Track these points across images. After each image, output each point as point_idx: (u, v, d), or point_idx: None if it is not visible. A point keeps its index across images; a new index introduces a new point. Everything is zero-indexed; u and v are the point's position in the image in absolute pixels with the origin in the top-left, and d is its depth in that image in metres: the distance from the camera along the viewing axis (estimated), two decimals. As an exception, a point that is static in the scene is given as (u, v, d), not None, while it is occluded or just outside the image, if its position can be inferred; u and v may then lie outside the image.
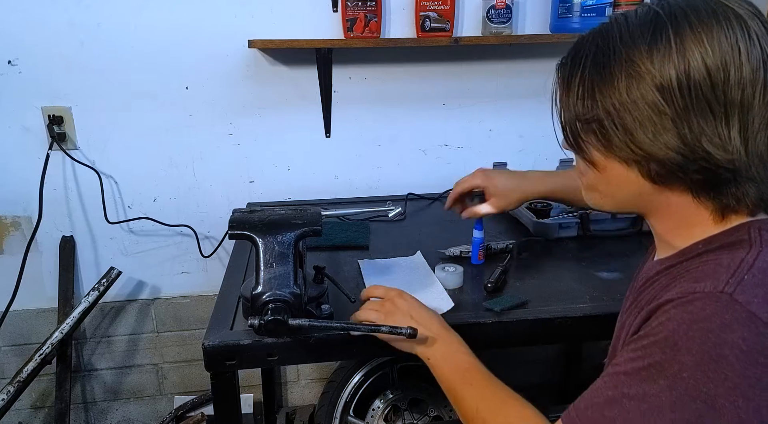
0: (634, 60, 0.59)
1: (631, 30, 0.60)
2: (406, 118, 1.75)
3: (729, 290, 0.55)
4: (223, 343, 0.93)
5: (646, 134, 0.60)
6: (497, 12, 1.59)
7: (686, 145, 0.59)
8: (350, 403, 1.72)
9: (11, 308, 1.62)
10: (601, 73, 0.61)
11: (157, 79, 1.61)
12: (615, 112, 0.61)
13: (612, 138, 0.62)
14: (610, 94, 0.61)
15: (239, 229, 0.93)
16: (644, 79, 0.58)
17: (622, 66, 0.60)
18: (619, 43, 0.60)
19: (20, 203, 1.67)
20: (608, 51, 0.61)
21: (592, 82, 0.62)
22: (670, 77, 0.57)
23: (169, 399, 1.93)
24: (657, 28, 0.59)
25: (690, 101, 0.57)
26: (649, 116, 0.59)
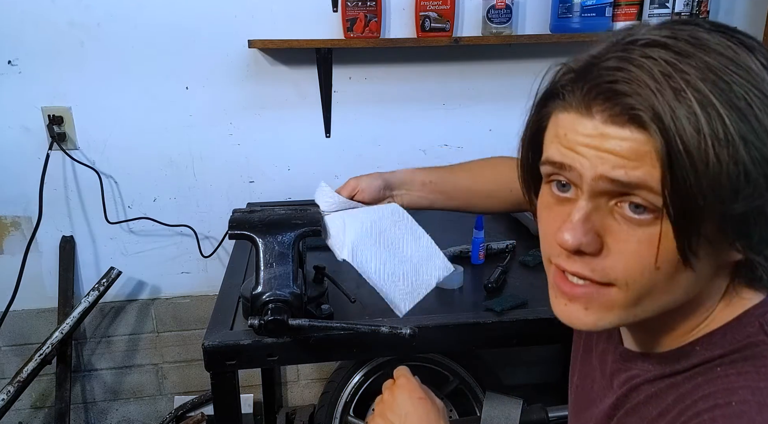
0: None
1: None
2: (406, 118, 1.75)
3: None
4: (223, 343, 0.93)
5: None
6: (497, 12, 1.59)
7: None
8: (350, 403, 1.72)
9: (11, 308, 1.62)
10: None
11: (157, 79, 1.61)
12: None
13: (760, 222, 0.45)
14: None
15: (239, 229, 0.93)
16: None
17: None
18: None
19: (20, 203, 1.67)
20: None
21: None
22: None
23: (169, 399, 1.93)
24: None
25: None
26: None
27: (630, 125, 0.44)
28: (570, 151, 0.48)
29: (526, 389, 1.97)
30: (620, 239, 0.47)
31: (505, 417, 1.04)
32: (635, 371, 0.58)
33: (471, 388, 1.70)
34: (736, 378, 0.47)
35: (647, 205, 0.45)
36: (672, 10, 1.61)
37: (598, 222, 0.48)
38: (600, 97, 0.45)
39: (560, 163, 0.49)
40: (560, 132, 0.50)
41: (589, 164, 0.47)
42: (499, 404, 1.06)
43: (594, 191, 0.47)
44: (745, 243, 0.46)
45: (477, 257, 1.23)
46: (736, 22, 1.74)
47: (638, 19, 1.62)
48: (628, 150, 0.44)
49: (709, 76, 0.42)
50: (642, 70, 0.43)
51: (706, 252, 0.46)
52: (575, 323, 0.53)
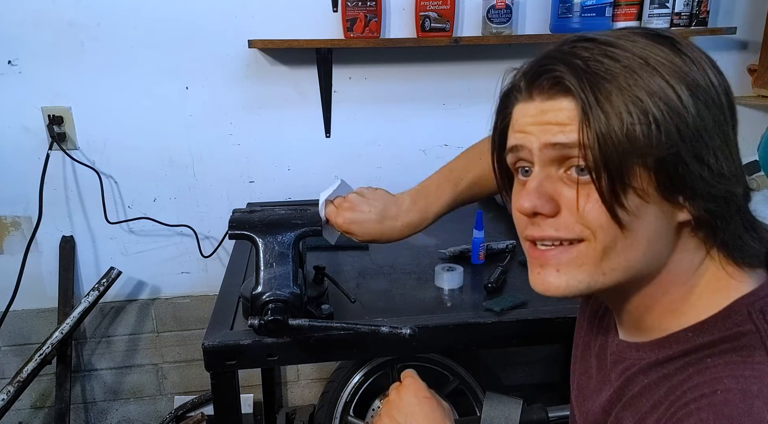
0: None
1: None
2: (406, 118, 1.75)
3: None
4: (223, 343, 0.93)
5: (719, 158, 0.51)
6: (497, 12, 1.59)
7: (736, 166, 0.52)
8: (350, 403, 1.72)
9: (11, 308, 1.62)
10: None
11: (157, 79, 1.61)
12: (689, 138, 0.50)
13: (687, 172, 0.50)
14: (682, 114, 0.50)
15: (239, 229, 0.93)
16: (704, 91, 0.51)
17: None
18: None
19: (20, 203, 1.67)
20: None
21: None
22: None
23: (169, 399, 1.93)
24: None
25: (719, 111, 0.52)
26: (705, 131, 0.50)
27: (561, 96, 0.52)
28: (520, 134, 0.56)
29: (526, 389, 1.97)
30: (572, 198, 0.53)
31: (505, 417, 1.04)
32: (630, 361, 0.60)
33: (471, 388, 1.70)
34: (723, 368, 0.49)
35: (588, 163, 0.51)
36: (672, 10, 1.61)
37: (551, 188, 0.54)
38: (536, 82, 0.54)
39: (515, 146, 0.57)
40: (514, 122, 0.58)
41: (535, 138, 0.54)
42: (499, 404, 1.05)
43: (543, 160, 0.54)
44: (686, 199, 0.51)
45: (477, 257, 1.23)
46: (736, 22, 1.74)
47: (638, 19, 1.62)
48: (564, 117, 0.52)
49: (619, 54, 0.51)
50: (566, 54, 0.53)
51: (645, 208, 0.51)
52: (548, 288, 0.56)
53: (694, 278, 0.55)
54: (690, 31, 1.64)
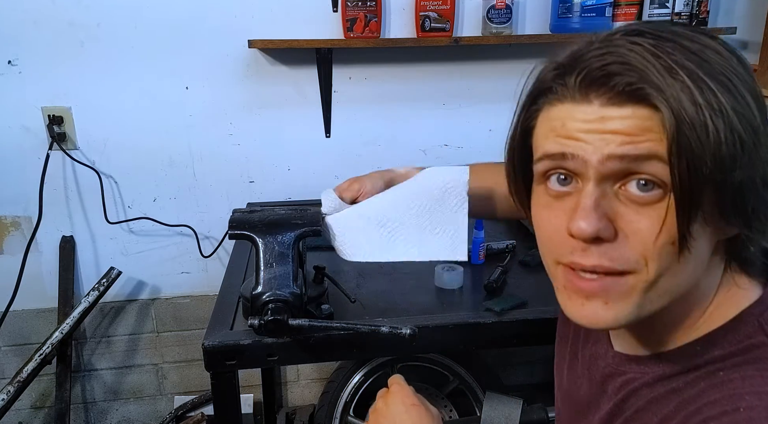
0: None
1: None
2: (406, 118, 1.75)
3: None
4: (223, 343, 0.93)
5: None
6: (497, 12, 1.59)
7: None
8: (350, 403, 1.72)
9: (11, 308, 1.62)
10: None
11: (157, 79, 1.61)
12: (763, 157, 0.45)
13: (755, 194, 0.46)
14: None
15: (239, 229, 0.93)
16: (762, 103, 0.47)
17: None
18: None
19: (20, 203, 1.67)
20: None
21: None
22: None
23: (169, 399, 1.93)
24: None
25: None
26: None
27: (630, 103, 0.45)
28: (570, 140, 0.48)
29: (526, 389, 1.97)
30: (631, 220, 0.47)
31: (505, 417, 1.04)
32: (631, 374, 0.57)
33: (471, 388, 1.70)
34: (740, 383, 0.47)
35: (655, 179, 0.46)
36: (672, 10, 1.61)
37: (607, 207, 0.47)
38: (596, 82, 0.46)
39: (561, 154, 0.49)
40: (556, 124, 0.50)
41: (593, 148, 0.47)
42: (499, 404, 1.06)
43: (601, 175, 0.47)
44: (741, 218, 0.47)
45: (477, 257, 1.23)
46: (736, 22, 1.74)
47: (638, 19, 1.62)
48: (632, 126, 0.45)
49: (691, 56, 0.44)
50: (632, 52, 0.45)
51: (704, 229, 0.47)
52: (596, 322, 0.51)
53: (712, 293, 0.52)
54: (690, 31, 1.64)
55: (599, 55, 0.46)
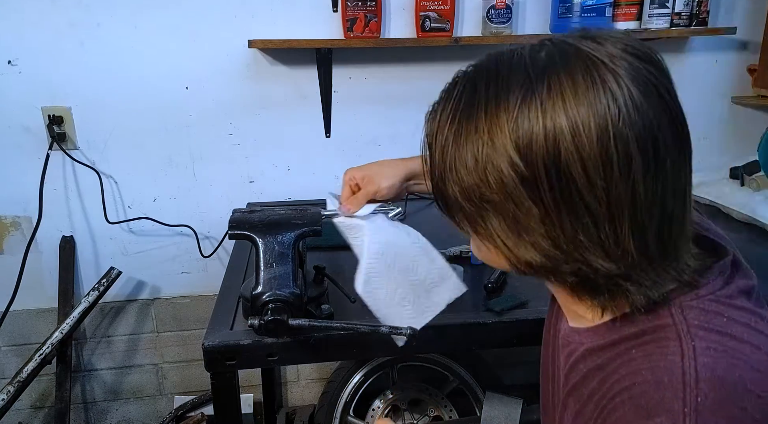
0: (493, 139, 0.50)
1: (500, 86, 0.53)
2: (406, 118, 1.75)
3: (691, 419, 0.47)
4: (223, 343, 0.93)
5: (510, 235, 0.52)
6: (497, 12, 1.59)
7: (558, 248, 0.51)
8: (350, 403, 1.72)
9: (11, 308, 1.62)
10: (460, 140, 0.53)
11: (157, 79, 1.61)
12: (476, 199, 0.52)
13: (476, 227, 0.55)
14: (463, 176, 0.52)
15: (239, 229, 0.93)
16: (502, 159, 0.49)
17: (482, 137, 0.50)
18: (484, 99, 0.53)
19: (20, 203, 1.67)
20: (473, 112, 0.53)
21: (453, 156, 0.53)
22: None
23: (169, 399, 1.93)
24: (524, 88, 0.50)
25: (561, 196, 0.48)
26: (515, 213, 0.50)
27: None
28: None
29: (526, 389, 1.96)
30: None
31: (505, 417, 1.05)
32: (573, 345, 0.62)
33: (471, 388, 1.70)
34: (642, 360, 0.52)
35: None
36: (672, 9, 1.61)
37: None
38: None
39: None
40: None
41: None
42: (499, 404, 1.06)
43: None
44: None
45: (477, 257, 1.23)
46: (736, 22, 1.74)
47: (638, 19, 1.62)
48: None
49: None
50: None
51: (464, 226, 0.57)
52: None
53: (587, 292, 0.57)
54: (690, 31, 1.64)
55: None
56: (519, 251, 0.53)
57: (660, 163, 0.48)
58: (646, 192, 0.48)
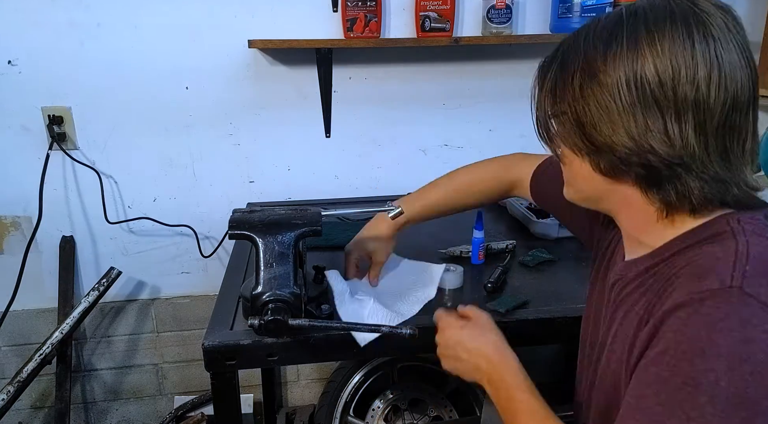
0: (589, 60, 0.62)
1: (596, 32, 0.63)
2: (406, 118, 1.75)
3: (737, 284, 0.54)
4: (223, 343, 0.93)
5: (596, 128, 0.62)
6: (497, 12, 1.59)
7: (632, 139, 0.61)
8: (350, 403, 1.72)
9: (11, 308, 1.62)
10: (564, 72, 0.65)
11: (157, 79, 1.61)
12: (571, 108, 0.64)
13: (569, 131, 0.66)
14: (568, 90, 0.64)
15: (239, 229, 0.93)
16: (596, 78, 0.61)
17: (579, 65, 0.63)
18: (582, 44, 0.64)
19: (20, 203, 1.67)
20: (572, 52, 0.65)
21: (556, 81, 0.66)
22: (619, 76, 0.60)
23: (169, 399, 1.93)
24: (615, 29, 0.62)
25: (637, 98, 0.59)
26: (599, 112, 0.62)
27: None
28: None
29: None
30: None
31: (505, 417, 1.04)
32: (628, 274, 0.70)
33: (471, 388, 1.70)
34: (698, 252, 0.61)
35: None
36: (672, 10, 1.61)
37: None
38: None
39: None
40: None
41: None
42: (499, 404, 1.05)
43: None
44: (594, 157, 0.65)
45: (477, 257, 1.23)
46: (736, 22, 1.73)
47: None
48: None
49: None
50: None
51: (565, 153, 0.69)
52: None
53: (661, 211, 0.65)
54: (690, 31, 1.64)
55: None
56: (601, 142, 0.63)
57: (727, 78, 0.58)
58: (715, 103, 0.58)
